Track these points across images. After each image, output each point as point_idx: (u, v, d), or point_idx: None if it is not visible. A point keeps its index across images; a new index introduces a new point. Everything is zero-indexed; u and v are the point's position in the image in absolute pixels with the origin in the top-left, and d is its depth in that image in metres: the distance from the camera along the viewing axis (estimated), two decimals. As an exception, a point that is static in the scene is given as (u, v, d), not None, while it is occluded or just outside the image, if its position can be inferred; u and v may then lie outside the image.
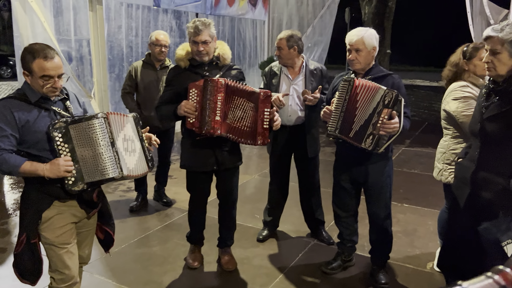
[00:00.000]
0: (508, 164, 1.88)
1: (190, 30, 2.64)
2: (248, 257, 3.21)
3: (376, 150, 2.44)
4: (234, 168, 2.91)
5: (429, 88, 15.19)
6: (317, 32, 9.39)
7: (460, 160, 2.18)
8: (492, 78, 1.94)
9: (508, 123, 1.85)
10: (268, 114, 2.62)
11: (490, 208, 1.92)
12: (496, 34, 1.83)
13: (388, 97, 2.36)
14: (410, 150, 6.40)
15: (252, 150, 6.62)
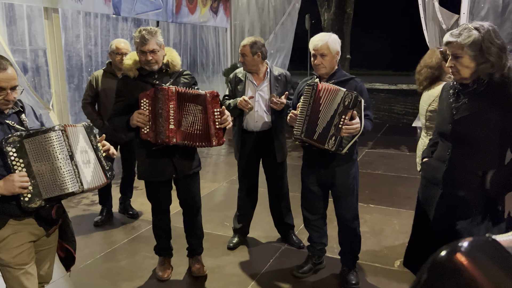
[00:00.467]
0: (479, 163, 1.93)
1: (137, 40, 2.60)
2: (219, 265, 3.17)
3: (339, 150, 2.49)
4: (194, 174, 2.88)
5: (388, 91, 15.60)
6: (279, 39, 9.50)
7: (426, 160, 2.19)
8: (458, 81, 1.97)
9: (479, 124, 1.89)
10: (218, 114, 2.62)
11: (464, 206, 1.96)
12: (455, 39, 1.86)
13: (348, 98, 2.42)
14: (373, 152, 6.56)
15: (219, 157, 6.58)
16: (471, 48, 1.83)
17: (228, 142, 7.47)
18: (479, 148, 1.92)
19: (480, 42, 1.81)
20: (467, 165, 1.95)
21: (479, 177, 1.92)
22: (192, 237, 3.06)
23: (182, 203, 2.97)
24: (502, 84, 1.86)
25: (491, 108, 1.86)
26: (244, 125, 3.23)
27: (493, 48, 1.82)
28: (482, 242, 0.36)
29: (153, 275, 3.04)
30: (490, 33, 1.83)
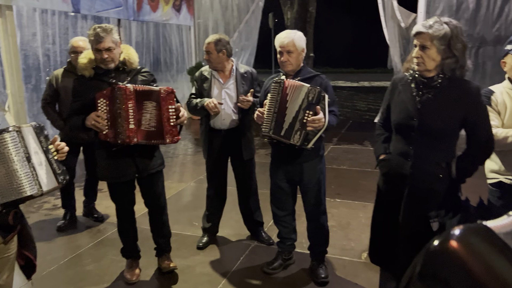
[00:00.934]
0: (444, 155, 2.00)
1: (91, 38, 2.53)
2: (189, 266, 3.14)
3: (304, 145, 2.53)
4: (157, 172, 2.84)
5: (351, 89, 16.05)
6: (243, 37, 9.51)
7: (385, 156, 2.20)
8: (420, 72, 2.00)
9: (445, 117, 1.95)
10: (173, 112, 2.59)
11: (434, 198, 2.02)
12: (426, 30, 1.90)
13: (312, 94, 2.47)
14: (338, 148, 6.70)
15: (186, 157, 6.52)
16: (440, 42, 1.88)
17: (195, 141, 7.41)
18: (442, 141, 1.99)
19: (449, 37, 1.88)
20: (433, 157, 2.00)
21: (443, 168, 1.99)
22: (159, 237, 3.03)
23: (147, 203, 2.93)
24: (461, 81, 1.95)
25: (454, 102, 1.94)
26: (211, 123, 3.21)
27: (459, 44, 1.89)
28: (474, 229, 0.37)
29: (121, 279, 2.97)
30: (458, 29, 1.90)
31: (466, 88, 1.94)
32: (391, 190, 2.16)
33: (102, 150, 2.71)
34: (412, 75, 2.06)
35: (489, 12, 7.10)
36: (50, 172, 1.93)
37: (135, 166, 2.71)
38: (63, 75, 3.62)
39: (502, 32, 7.05)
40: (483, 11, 7.13)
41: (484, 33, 7.17)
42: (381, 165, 2.22)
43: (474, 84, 1.97)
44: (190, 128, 8.40)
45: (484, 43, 7.18)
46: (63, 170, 1.99)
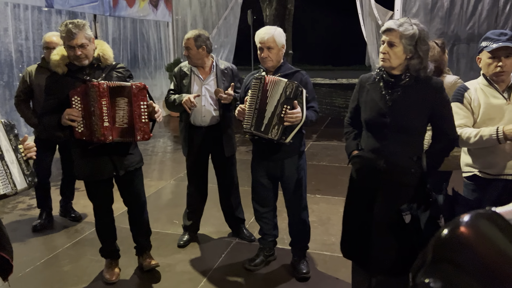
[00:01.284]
0: (414, 149, 2.07)
1: (63, 34, 2.45)
2: (170, 264, 3.11)
3: (282, 140, 2.54)
4: (136, 170, 2.80)
5: (329, 86, 16.17)
6: (222, 34, 9.47)
7: (357, 153, 2.24)
8: (385, 69, 2.07)
9: (415, 113, 2.02)
10: (145, 108, 2.55)
11: (408, 192, 2.07)
12: (397, 28, 1.96)
13: (289, 88, 2.48)
14: (318, 144, 6.75)
15: (165, 154, 6.44)
16: (408, 41, 1.95)
17: (174, 138, 7.33)
18: (413, 136, 2.07)
19: (417, 38, 1.95)
20: (404, 152, 2.06)
21: (414, 162, 2.06)
22: (139, 235, 2.99)
23: (126, 201, 2.89)
24: (426, 79, 2.03)
25: (421, 99, 2.02)
26: (191, 120, 3.18)
27: (425, 46, 1.98)
28: (483, 214, 0.37)
29: (100, 279, 2.92)
30: (425, 32, 1.98)
31: (432, 85, 2.03)
32: (364, 186, 2.20)
33: (78, 149, 2.65)
34: (379, 74, 2.11)
35: (462, 11, 7.28)
36: (21, 172, 1.87)
37: (112, 164, 2.67)
38: (37, 72, 3.52)
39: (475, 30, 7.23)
40: (457, 10, 7.30)
41: (458, 31, 7.35)
42: (353, 161, 2.26)
43: (439, 81, 2.07)
44: (169, 125, 8.31)
45: (458, 41, 7.36)
46: (31, 171, 1.91)
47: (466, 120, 2.26)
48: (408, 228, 2.02)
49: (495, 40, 2.15)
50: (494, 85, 2.23)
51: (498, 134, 2.07)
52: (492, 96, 2.23)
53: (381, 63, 2.06)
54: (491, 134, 2.10)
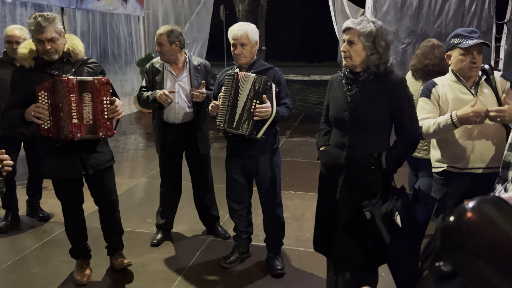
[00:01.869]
0: (374, 145, 2.12)
1: (32, 27, 2.36)
2: (143, 264, 3.06)
3: (253, 135, 2.54)
4: (107, 168, 2.73)
5: (302, 82, 16.29)
6: (195, 29, 9.36)
7: (324, 148, 2.31)
8: (348, 67, 2.12)
9: (372, 109, 2.07)
10: (108, 103, 2.47)
11: (366, 187, 2.11)
12: (355, 26, 2.02)
13: (258, 83, 2.49)
14: (291, 140, 6.79)
15: (137, 152, 6.33)
16: (366, 38, 2.01)
17: (146, 135, 7.20)
18: (373, 132, 2.11)
19: (374, 35, 2.01)
20: (364, 148, 2.11)
21: (375, 158, 2.10)
22: (111, 235, 2.92)
23: (97, 201, 2.81)
24: (386, 75, 2.08)
25: (380, 94, 2.07)
26: (164, 117, 3.12)
27: (383, 42, 2.03)
28: (488, 200, 0.38)
29: (71, 280, 2.83)
30: (383, 29, 2.04)
31: (391, 81, 2.07)
32: (330, 180, 2.26)
33: (45, 146, 2.56)
34: (343, 72, 2.18)
35: (430, 10, 7.47)
36: None
37: (81, 163, 2.58)
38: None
39: (442, 29, 7.44)
40: (425, 9, 7.49)
41: (427, 29, 7.54)
42: (320, 156, 2.33)
43: (399, 76, 2.11)
44: (141, 121, 8.16)
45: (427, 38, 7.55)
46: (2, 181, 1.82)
47: (430, 115, 2.31)
48: (368, 223, 2.06)
49: (469, 37, 2.21)
50: (462, 81, 2.30)
51: (453, 119, 2.14)
52: (460, 92, 2.29)
53: (344, 62, 2.12)
54: (447, 120, 2.17)
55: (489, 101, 2.25)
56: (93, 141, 2.57)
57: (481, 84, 2.28)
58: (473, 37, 2.20)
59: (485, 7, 7.20)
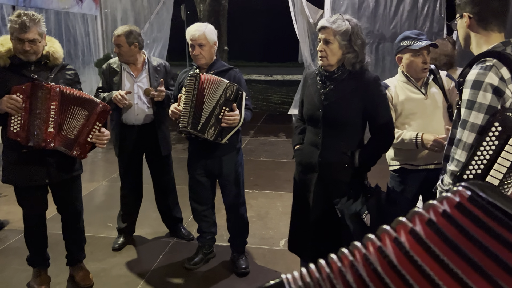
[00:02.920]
0: (348, 144, 2.14)
1: (14, 25, 2.26)
2: (104, 269, 2.99)
3: (218, 140, 2.54)
4: (74, 177, 2.65)
5: (265, 82, 16.39)
6: (155, 29, 9.21)
7: (299, 146, 2.32)
8: (324, 67, 2.13)
9: (345, 107, 2.09)
10: (98, 129, 2.46)
11: (340, 185, 2.14)
12: (330, 25, 2.03)
13: (230, 90, 2.48)
14: (255, 140, 6.83)
15: (97, 154, 6.15)
16: (342, 37, 2.02)
17: (106, 138, 7.02)
18: (347, 130, 2.14)
19: (350, 33, 2.02)
20: (338, 147, 2.13)
21: (348, 157, 2.13)
22: (73, 245, 2.82)
23: (61, 209, 2.72)
24: (361, 73, 2.10)
25: (353, 93, 2.09)
26: (123, 119, 3.06)
27: (359, 41, 2.05)
28: (479, 183, 0.41)
29: (27, 290, 2.73)
30: (358, 27, 2.06)
31: (365, 79, 2.10)
32: (304, 179, 2.27)
33: (10, 151, 2.45)
34: (318, 69, 2.18)
35: (386, 11, 7.73)
36: None
37: (47, 171, 2.48)
38: None
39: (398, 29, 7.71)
40: (381, 10, 7.74)
41: (383, 30, 7.80)
42: (295, 155, 2.33)
43: (372, 75, 2.13)
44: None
45: (383, 39, 7.81)
46: None
47: None
48: (340, 222, 2.08)
49: (418, 39, 2.28)
50: (412, 81, 2.39)
51: (417, 140, 2.22)
52: (411, 92, 2.39)
53: (320, 62, 2.12)
54: (411, 139, 2.25)
55: (438, 99, 2.36)
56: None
57: (429, 83, 2.39)
58: (421, 38, 2.29)
59: (436, 9, 7.54)
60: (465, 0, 1.66)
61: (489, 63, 1.52)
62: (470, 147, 1.53)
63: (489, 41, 1.63)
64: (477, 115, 1.51)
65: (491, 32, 1.63)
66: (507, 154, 1.47)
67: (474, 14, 1.63)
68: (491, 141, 1.48)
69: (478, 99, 1.51)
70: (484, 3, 1.60)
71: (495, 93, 1.50)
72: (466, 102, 1.55)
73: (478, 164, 1.51)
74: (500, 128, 1.47)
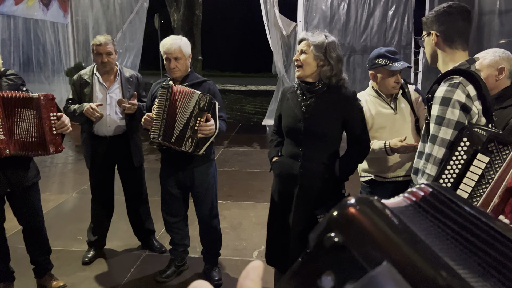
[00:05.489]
0: (329, 155, 2.20)
1: None
2: (74, 283, 2.91)
3: (196, 152, 2.54)
4: (33, 184, 2.59)
5: (239, 92, 16.48)
6: (128, 38, 9.13)
7: (277, 159, 2.35)
8: (300, 78, 2.19)
9: (326, 119, 2.15)
10: (55, 119, 2.42)
11: (320, 195, 2.19)
12: (307, 37, 2.13)
13: (203, 101, 2.49)
14: (229, 150, 6.84)
15: (66, 165, 6.01)
16: (316, 48, 2.10)
17: (76, 148, 6.87)
18: (326, 142, 2.20)
19: (326, 46, 2.11)
20: (318, 158, 2.19)
21: (329, 167, 2.19)
22: (38, 256, 2.75)
23: (21, 220, 2.65)
24: (338, 87, 2.18)
25: (333, 106, 2.16)
26: (94, 130, 3.02)
27: (334, 54, 2.13)
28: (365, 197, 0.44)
29: (-9, 308, 2.63)
30: (335, 42, 2.15)
31: (343, 94, 2.17)
32: (284, 191, 2.29)
33: None
34: (298, 83, 2.25)
35: (357, 25, 7.95)
36: None
37: (6, 179, 2.42)
38: None
39: (368, 42, 7.94)
40: (352, 23, 7.96)
41: (354, 43, 8.01)
42: (273, 167, 2.36)
43: (350, 90, 2.22)
44: (70, 134, 7.75)
45: (354, 52, 8.02)
46: None
47: None
48: None
49: (393, 59, 2.35)
50: (382, 96, 2.47)
51: (386, 148, 2.31)
52: (381, 107, 2.47)
53: (296, 73, 2.19)
54: (380, 147, 2.33)
55: (406, 114, 2.45)
56: (18, 157, 2.43)
57: (398, 98, 2.48)
58: (397, 59, 2.36)
59: (404, 24, 7.81)
60: (432, 19, 1.74)
61: (456, 81, 1.59)
62: (440, 162, 1.59)
63: (454, 59, 1.71)
64: (446, 131, 1.58)
65: (455, 50, 1.71)
66: (475, 168, 1.54)
67: (441, 32, 1.71)
68: (460, 156, 1.55)
69: (447, 115, 1.58)
70: (450, 22, 1.69)
71: (462, 109, 1.57)
72: (435, 118, 1.62)
73: (448, 178, 1.57)
74: (468, 143, 1.54)
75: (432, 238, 0.42)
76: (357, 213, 0.42)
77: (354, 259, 0.37)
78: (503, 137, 1.53)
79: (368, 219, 0.40)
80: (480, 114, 1.62)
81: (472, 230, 0.43)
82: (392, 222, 0.40)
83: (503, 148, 1.52)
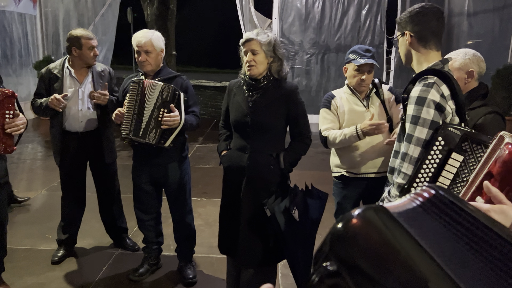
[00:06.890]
0: (273, 147, 2.28)
1: None
2: (42, 283, 2.83)
3: (161, 144, 2.52)
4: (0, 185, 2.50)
5: (214, 88, 16.30)
6: (100, 31, 8.91)
7: (226, 152, 2.40)
8: (253, 76, 2.24)
9: (271, 113, 2.23)
10: (11, 118, 2.23)
11: (267, 186, 2.26)
12: (255, 37, 2.18)
13: (166, 92, 2.48)
14: (204, 147, 6.79)
15: (35, 162, 5.82)
16: (267, 47, 2.18)
17: (45, 144, 6.67)
18: (272, 134, 2.28)
19: (273, 43, 2.20)
20: (265, 150, 2.26)
21: (274, 159, 2.26)
22: None
23: None
24: (281, 82, 2.28)
25: (278, 100, 2.24)
26: (65, 126, 2.93)
27: (280, 50, 2.25)
28: (372, 207, 0.44)
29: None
30: (277, 40, 2.26)
31: (287, 88, 2.27)
32: (233, 182, 2.35)
33: None
34: (244, 78, 2.31)
35: (331, 23, 8.03)
36: None
37: None
38: None
39: (342, 41, 8.04)
40: (327, 22, 8.03)
41: (328, 41, 8.09)
42: (223, 160, 2.41)
43: (293, 84, 2.33)
44: (39, 129, 7.52)
45: (328, 50, 8.10)
46: None
47: (332, 124, 2.52)
48: (269, 221, 2.20)
49: (362, 55, 2.42)
50: (356, 94, 2.52)
51: (358, 131, 2.36)
52: (354, 104, 2.52)
53: (248, 72, 2.24)
54: (352, 132, 2.38)
55: (378, 112, 2.50)
56: None
57: (371, 96, 2.53)
58: (366, 56, 2.42)
59: (377, 23, 7.95)
60: (406, 19, 1.77)
61: (430, 81, 1.63)
62: (416, 161, 1.62)
63: (428, 59, 1.75)
64: (422, 130, 1.62)
65: (429, 51, 1.75)
66: (450, 167, 1.58)
67: (415, 32, 1.74)
68: (436, 155, 1.59)
69: (422, 115, 1.61)
70: (424, 23, 1.72)
71: (437, 109, 1.61)
72: (411, 117, 1.65)
73: (424, 177, 1.61)
74: (443, 142, 1.57)
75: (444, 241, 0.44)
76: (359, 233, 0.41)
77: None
78: (476, 136, 1.57)
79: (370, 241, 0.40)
80: (453, 114, 1.66)
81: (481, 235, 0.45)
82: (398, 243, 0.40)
83: (477, 147, 1.56)
